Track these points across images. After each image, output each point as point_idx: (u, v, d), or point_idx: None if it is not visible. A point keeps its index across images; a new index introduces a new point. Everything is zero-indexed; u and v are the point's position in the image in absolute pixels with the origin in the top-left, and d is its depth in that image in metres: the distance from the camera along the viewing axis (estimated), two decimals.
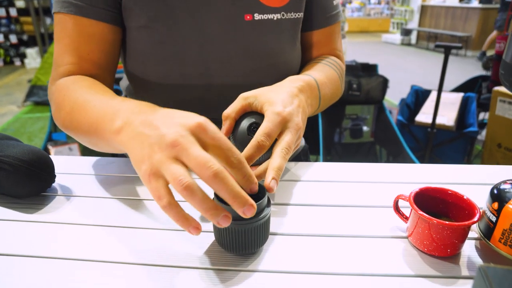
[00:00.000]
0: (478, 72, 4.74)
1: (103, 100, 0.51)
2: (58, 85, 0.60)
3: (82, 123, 0.52)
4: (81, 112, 0.52)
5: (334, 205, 0.55)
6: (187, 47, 0.62)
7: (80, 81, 0.58)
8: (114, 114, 0.45)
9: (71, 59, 0.61)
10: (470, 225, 0.42)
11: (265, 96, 0.50)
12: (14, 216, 0.53)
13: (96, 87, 0.57)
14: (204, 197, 0.35)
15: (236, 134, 0.51)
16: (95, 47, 0.61)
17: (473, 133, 2.32)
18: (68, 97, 0.56)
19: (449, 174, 0.64)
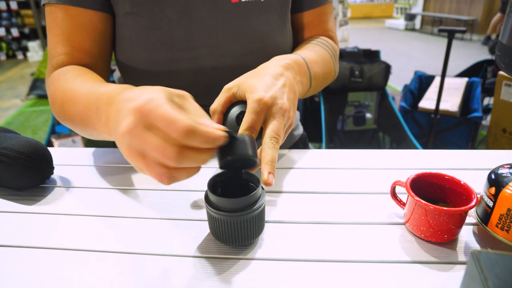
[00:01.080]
0: (483, 56, 4.67)
1: (89, 90, 0.49)
2: (52, 78, 0.60)
3: (73, 115, 0.52)
4: (70, 104, 0.52)
5: (331, 192, 0.55)
6: (174, 32, 0.61)
7: (70, 71, 0.58)
8: (100, 108, 0.44)
9: (63, 50, 0.61)
10: (467, 211, 0.42)
11: (247, 84, 0.49)
12: (14, 208, 0.53)
13: (84, 76, 0.56)
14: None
15: (226, 126, 0.51)
16: (86, 36, 0.61)
17: (477, 119, 2.30)
18: (59, 89, 0.56)
19: (449, 160, 0.64)
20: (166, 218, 0.50)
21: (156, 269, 0.41)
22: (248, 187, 0.44)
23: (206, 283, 0.39)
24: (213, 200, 0.41)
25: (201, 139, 0.34)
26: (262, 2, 0.63)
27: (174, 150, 0.33)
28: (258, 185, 0.42)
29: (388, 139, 2.47)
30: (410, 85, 2.81)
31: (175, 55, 0.62)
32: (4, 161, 0.53)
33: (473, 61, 3.33)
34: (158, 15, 0.60)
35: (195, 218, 0.50)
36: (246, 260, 0.42)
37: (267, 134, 0.47)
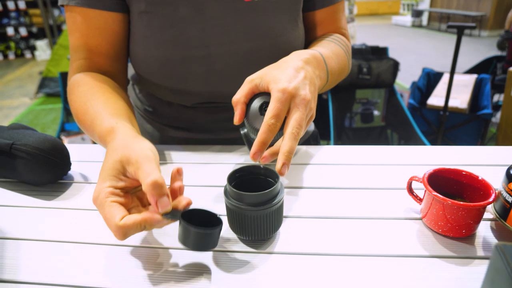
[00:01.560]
0: (492, 53, 4.62)
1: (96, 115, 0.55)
2: (71, 85, 0.63)
3: (87, 129, 0.58)
4: (81, 119, 0.58)
5: (347, 187, 0.55)
6: (188, 30, 0.62)
7: (84, 85, 0.61)
8: (102, 137, 0.52)
9: (82, 54, 0.64)
10: (486, 206, 0.42)
11: (270, 75, 0.50)
12: (34, 203, 0.54)
13: (95, 98, 0.58)
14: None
15: (249, 117, 0.51)
16: (103, 40, 0.63)
17: (487, 115, 2.28)
18: (74, 102, 0.61)
19: (462, 156, 0.63)
20: None
21: (175, 262, 0.42)
22: (267, 182, 0.45)
23: (225, 277, 0.40)
24: (232, 194, 0.41)
25: (135, 231, 0.39)
26: (274, 1, 0.63)
27: (117, 233, 0.38)
28: (277, 180, 0.42)
29: (396, 137, 2.46)
30: (418, 82, 2.79)
31: (189, 53, 0.62)
32: (23, 157, 0.54)
33: (482, 57, 3.30)
34: (172, 13, 0.61)
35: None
36: (265, 254, 0.43)
37: (290, 125, 0.47)
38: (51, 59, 4.16)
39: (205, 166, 0.63)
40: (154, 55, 0.63)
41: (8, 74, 5.44)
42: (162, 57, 0.63)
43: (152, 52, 0.63)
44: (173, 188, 0.43)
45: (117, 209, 0.39)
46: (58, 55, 4.06)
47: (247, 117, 0.51)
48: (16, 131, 0.59)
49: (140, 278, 0.40)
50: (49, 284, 0.40)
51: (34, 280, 0.40)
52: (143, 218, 0.38)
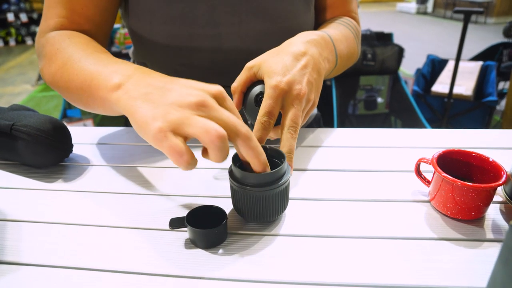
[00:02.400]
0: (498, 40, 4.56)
1: (100, 58, 0.48)
2: (49, 38, 0.56)
3: (73, 79, 0.48)
4: (75, 67, 0.48)
5: (353, 169, 0.54)
6: (197, 6, 0.60)
7: (76, 37, 0.55)
8: (112, 72, 0.43)
9: (63, 12, 0.57)
10: (496, 187, 0.41)
11: (267, 65, 0.48)
12: (35, 185, 0.53)
13: (94, 45, 0.54)
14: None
15: (246, 106, 0.51)
16: (90, 1, 0.58)
17: (492, 103, 2.25)
18: (62, 51, 0.52)
19: (469, 139, 0.62)
20: (186, 195, 0.50)
21: (179, 244, 0.41)
22: (273, 162, 0.44)
23: (230, 259, 0.39)
24: (237, 174, 0.40)
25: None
26: None
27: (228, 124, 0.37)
28: (283, 161, 0.41)
29: (400, 124, 2.44)
30: (422, 69, 2.76)
31: (196, 31, 0.61)
32: (24, 138, 0.53)
33: (487, 44, 3.25)
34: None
35: (217, 195, 0.49)
36: (270, 236, 0.42)
37: (286, 124, 0.46)
38: None
39: None
40: (160, 30, 0.61)
41: (9, 61, 5.41)
42: (169, 32, 0.61)
43: (158, 27, 0.61)
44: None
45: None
46: None
47: (244, 106, 0.51)
48: (17, 112, 0.58)
49: (143, 259, 0.39)
50: (51, 265, 0.39)
51: (35, 262, 0.40)
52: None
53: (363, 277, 0.36)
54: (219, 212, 0.42)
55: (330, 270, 0.37)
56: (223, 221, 0.40)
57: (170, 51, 0.63)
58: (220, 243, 0.41)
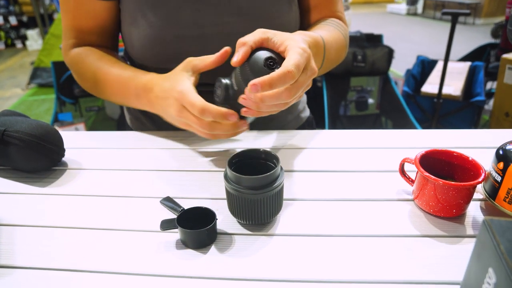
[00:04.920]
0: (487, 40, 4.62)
1: (121, 76, 0.63)
2: (74, 57, 0.69)
3: (109, 95, 0.66)
4: (105, 86, 0.65)
5: (341, 170, 0.56)
6: (182, 9, 0.62)
7: (91, 54, 0.67)
8: (137, 95, 0.61)
9: (76, 34, 0.68)
10: (476, 185, 0.42)
11: (285, 35, 0.49)
12: (28, 190, 0.54)
13: (106, 59, 0.66)
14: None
15: (250, 63, 0.47)
16: (94, 25, 0.67)
17: (480, 102, 2.29)
18: (88, 70, 0.66)
19: (454, 139, 0.64)
20: (181, 197, 0.51)
21: (173, 246, 0.42)
22: (267, 166, 0.45)
23: (226, 260, 0.40)
24: (232, 177, 0.41)
25: (213, 115, 0.49)
26: None
27: (204, 123, 0.51)
28: (277, 164, 0.43)
29: (390, 124, 2.47)
30: (412, 70, 2.80)
31: (182, 33, 0.62)
32: (16, 144, 0.54)
33: (476, 45, 3.31)
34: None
35: (213, 197, 0.51)
36: (265, 237, 0.43)
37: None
38: (42, 49, 4.09)
39: (205, 151, 0.63)
40: (147, 34, 0.63)
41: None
42: (155, 36, 0.63)
43: (145, 32, 0.63)
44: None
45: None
46: (49, 45, 3.99)
47: (249, 63, 0.47)
48: (8, 117, 0.59)
49: (135, 261, 0.40)
50: (44, 268, 0.40)
51: (29, 265, 0.40)
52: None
53: (350, 273, 0.38)
54: (209, 213, 0.43)
55: (320, 268, 0.38)
56: (213, 221, 0.42)
57: (157, 54, 0.64)
58: (210, 243, 0.42)
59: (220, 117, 0.49)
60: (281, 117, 0.78)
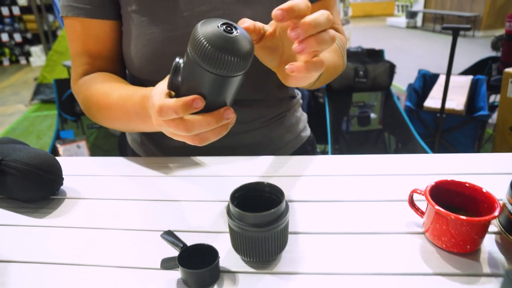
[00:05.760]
0: (487, 52, 4.64)
1: (120, 98, 0.58)
2: (80, 86, 0.67)
3: (113, 120, 0.62)
4: (107, 111, 0.61)
5: (347, 200, 0.54)
6: (177, 25, 0.62)
7: (95, 79, 0.65)
8: (138, 114, 0.55)
9: (85, 60, 0.67)
10: (490, 220, 0.40)
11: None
12: (24, 221, 0.52)
13: (109, 83, 0.63)
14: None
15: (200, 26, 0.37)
16: (102, 47, 0.67)
17: (483, 117, 2.27)
18: (92, 97, 0.64)
19: (463, 164, 0.62)
20: (184, 230, 0.49)
21: (176, 285, 0.40)
22: (271, 199, 0.43)
23: None
24: (235, 214, 0.40)
25: (174, 109, 0.39)
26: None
27: (177, 123, 0.40)
28: (282, 198, 0.41)
29: (393, 139, 2.45)
30: (414, 84, 2.79)
31: (178, 48, 0.62)
32: (13, 173, 0.53)
33: (476, 57, 3.31)
34: (161, 9, 0.62)
35: (215, 230, 0.49)
36: (270, 275, 0.41)
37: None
38: (46, 65, 4.13)
39: (207, 179, 0.61)
40: (145, 52, 0.63)
41: (3, 80, 5.40)
42: (153, 53, 0.63)
43: (143, 49, 0.63)
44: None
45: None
46: (53, 61, 4.03)
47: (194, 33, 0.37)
48: (6, 145, 0.57)
49: None
50: None
51: None
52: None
53: None
54: (211, 250, 0.41)
55: None
56: (215, 260, 0.40)
57: (156, 70, 0.64)
58: (213, 283, 0.40)
59: (182, 108, 0.39)
60: (281, 137, 0.77)
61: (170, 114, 0.40)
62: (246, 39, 0.37)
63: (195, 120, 0.40)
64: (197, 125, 0.40)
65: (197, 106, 0.39)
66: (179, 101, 0.39)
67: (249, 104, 0.69)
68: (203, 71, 0.36)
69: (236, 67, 0.36)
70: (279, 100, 0.74)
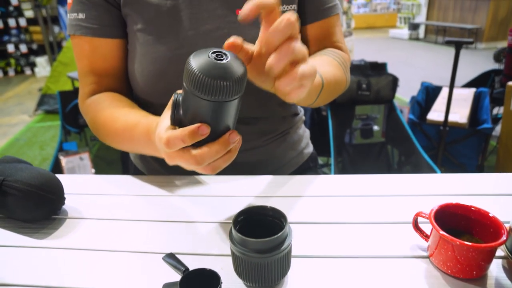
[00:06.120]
0: (489, 64, 4.64)
1: (128, 125, 0.59)
2: (88, 107, 0.68)
3: (121, 143, 0.63)
4: (115, 135, 0.62)
5: (349, 222, 0.53)
6: (182, 44, 0.62)
7: (102, 102, 0.66)
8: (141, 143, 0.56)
9: (92, 79, 0.68)
10: (498, 246, 0.40)
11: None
12: (25, 242, 0.52)
13: (116, 107, 0.64)
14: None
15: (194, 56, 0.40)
16: (109, 65, 0.67)
17: (487, 130, 2.26)
18: (99, 119, 0.64)
19: (467, 184, 0.62)
20: (186, 252, 0.48)
21: None
22: (273, 224, 0.43)
23: None
24: (238, 239, 0.39)
25: (181, 138, 0.39)
26: None
27: (187, 156, 0.41)
28: (285, 223, 0.40)
29: (396, 152, 2.44)
30: (417, 96, 2.79)
31: (182, 67, 0.62)
32: (15, 194, 0.53)
33: (479, 69, 3.32)
34: (167, 28, 0.62)
35: (218, 253, 0.48)
36: None
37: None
38: (50, 76, 4.16)
39: (209, 199, 0.61)
40: (150, 70, 0.64)
41: (7, 91, 5.45)
42: (158, 72, 0.63)
43: (148, 68, 0.64)
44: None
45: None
46: (57, 72, 4.06)
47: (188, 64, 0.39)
48: (9, 165, 0.57)
49: None
50: None
51: None
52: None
53: None
54: (214, 275, 0.40)
55: None
56: (217, 286, 0.39)
57: (160, 89, 0.64)
58: None
59: (189, 136, 0.39)
60: (284, 154, 0.76)
61: (178, 144, 0.40)
62: (238, 64, 0.38)
63: (204, 152, 0.40)
64: (206, 156, 0.40)
65: (203, 133, 0.39)
66: (185, 130, 0.39)
67: (251, 122, 0.69)
68: (201, 100, 0.37)
69: (231, 91, 0.37)
70: (281, 118, 0.74)
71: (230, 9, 0.63)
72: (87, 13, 0.63)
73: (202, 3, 0.62)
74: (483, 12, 7.29)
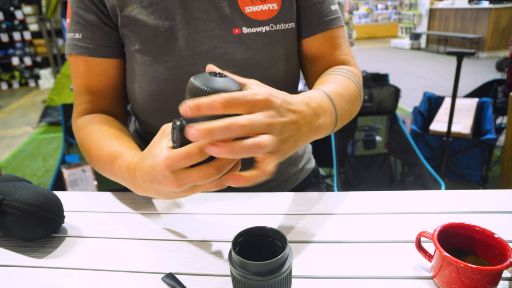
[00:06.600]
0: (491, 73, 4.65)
1: (109, 155, 0.58)
2: (78, 127, 0.68)
3: (102, 169, 0.61)
4: (97, 160, 0.61)
5: (350, 241, 0.52)
6: (179, 64, 0.63)
7: (90, 125, 0.65)
8: (123, 176, 0.54)
9: (86, 98, 0.68)
10: (504, 269, 0.39)
11: (265, 86, 0.45)
12: (23, 261, 0.51)
13: (102, 133, 0.62)
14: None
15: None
16: (104, 85, 0.68)
17: (491, 141, 2.25)
18: (86, 142, 0.64)
19: (473, 201, 0.61)
20: (184, 273, 0.48)
21: None
22: (273, 244, 0.42)
23: None
24: (237, 261, 0.39)
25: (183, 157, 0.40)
26: (263, 33, 0.64)
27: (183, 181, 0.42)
28: (286, 245, 0.40)
29: (399, 163, 2.43)
30: (419, 107, 2.79)
31: (180, 87, 0.63)
32: (14, 213, 0.52)
33: (481, 78, 3.32)
34: (163, 49, 0.62)
35: (218, 273, 0.47)
36: None
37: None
38: (54, 88, 4.20)
39: (209, 217, 0.60)
40: (148, 90, 0.64)
41: (12, 103, 5.50)
42: (156, 92, 0.64)
43: (146, 88, 0.64)
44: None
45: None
46: (61, 84, 4.10)
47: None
48: (8, 183, 0.57)
49: None
50: None
51: None
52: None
53: None
54: None
55: None
56: None
57: (158, 109, 0.65)
58: None
59: (189, 157, 0.39)
60: (286, 170, 0.76)
61: (179, 165, 0.41)
62: (234, 81, 0.43)
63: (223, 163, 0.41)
64: (224, 168, 0.41)
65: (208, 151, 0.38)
66: (185, 150, 0.40)
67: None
68: (208, 117, 0.38)
69: None
70: None
71: (227, 29, 0.63)
72: (83, 33, 0.64)
73: (199, 24, 0.63)
74: (484, 21, 7.32)
